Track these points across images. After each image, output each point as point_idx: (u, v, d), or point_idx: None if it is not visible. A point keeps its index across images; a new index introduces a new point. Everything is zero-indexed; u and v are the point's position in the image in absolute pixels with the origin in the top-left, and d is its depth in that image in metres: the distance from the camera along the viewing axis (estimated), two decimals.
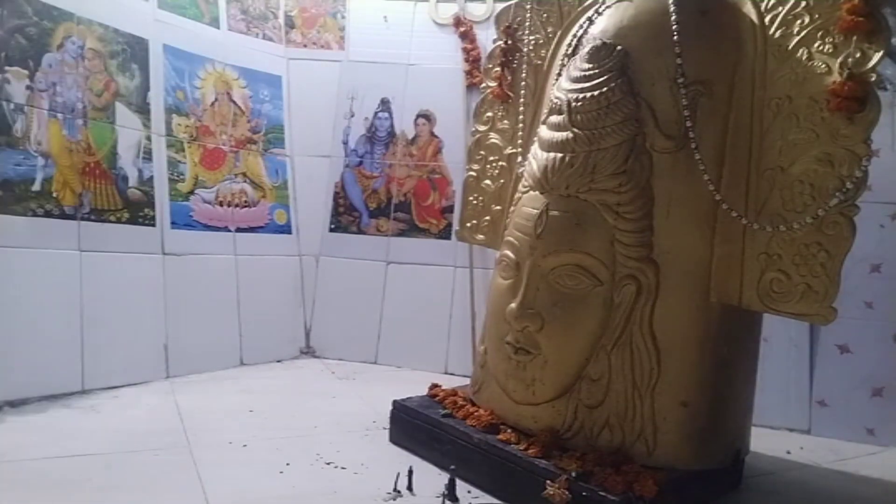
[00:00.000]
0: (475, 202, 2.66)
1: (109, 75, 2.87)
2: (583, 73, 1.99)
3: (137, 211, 2.93)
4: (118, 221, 2.85)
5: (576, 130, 1.95)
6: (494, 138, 2.60)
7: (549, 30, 2.44)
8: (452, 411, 2.23)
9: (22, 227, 2.53)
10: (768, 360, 2.40)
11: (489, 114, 2.64)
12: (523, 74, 2.48)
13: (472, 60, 3.41)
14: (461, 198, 2.77)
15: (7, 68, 2.52)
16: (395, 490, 1.93)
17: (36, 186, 2.58)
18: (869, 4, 1.69)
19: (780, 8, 1.86)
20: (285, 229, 3.54)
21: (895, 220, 2.65)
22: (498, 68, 2.56)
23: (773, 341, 2.63)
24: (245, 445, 2.22)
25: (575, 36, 2.22)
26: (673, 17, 1.92)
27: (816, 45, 1.78)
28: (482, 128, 2.65)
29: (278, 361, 3.37)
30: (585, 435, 1.91)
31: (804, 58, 1.80)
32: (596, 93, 1.93)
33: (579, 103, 1.95)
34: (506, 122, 2.57)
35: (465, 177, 2.73)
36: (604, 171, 1.90)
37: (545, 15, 2.46)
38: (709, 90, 1.91)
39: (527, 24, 2.50)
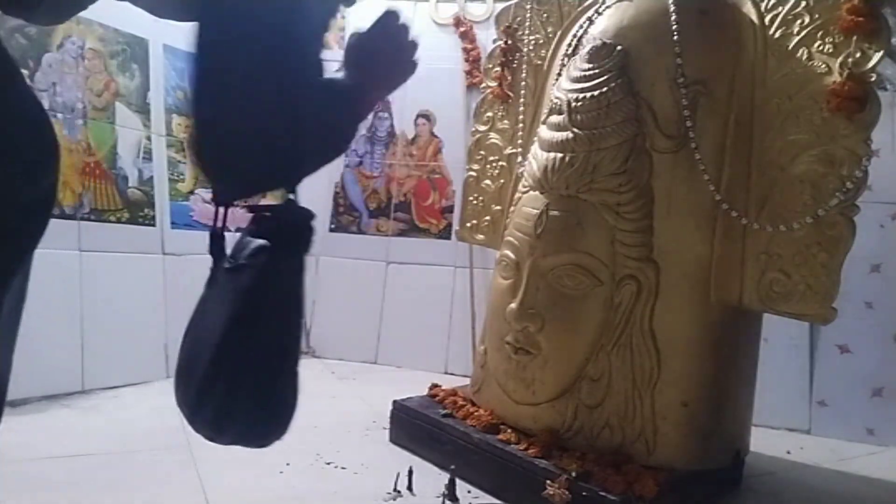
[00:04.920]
0: (475, 202, 2.66)
1: (109, 75, 2.87)
2: (583, 73, 1.99)
3: (137, 211, 2.93)
4: (118, 221, 2.85)
5: (576, 130, 1.95)
6: (494, 138, 2.60)
7: (549, 30, 2.44)
8: (452, 411, 2.23)
9: None
10: (768, 360, 2.39)
11: (489, 114, 2.64)
12: (523, 74, 2.48)
13: (472, 60, 3.41)
14: (461, 198, 2.77)
15: None
16: (395, 490, 1.93)
17: None
18: (869, 4, 1.69)
19: (780, 8, 1.87)
20: None
21: (895, 220, 2.65)
22: (498, 68, 2.56)
23: (773, 341, 2.63)
24: None
25: (575, 36, 2.22)
26: (673, 17, 1.93)
27: (816, 45, 1.79)
28: (482, 128, 2.65)
29: None
30: (585, 435, 1.91)
31: (804, 58, 1.80)
32: (596, 93, 1.93)
33: (579, 103, 1.95)
34: (506, 122, 2.57)
35: (465, 177, 2.73)
36: (604, 171, 1.91)
37: (545, 15, 2.46)
38: (709, 90, 1.91)
39: (527, 24, 2.50)
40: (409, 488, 1.95)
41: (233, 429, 0.82)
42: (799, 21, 1.82)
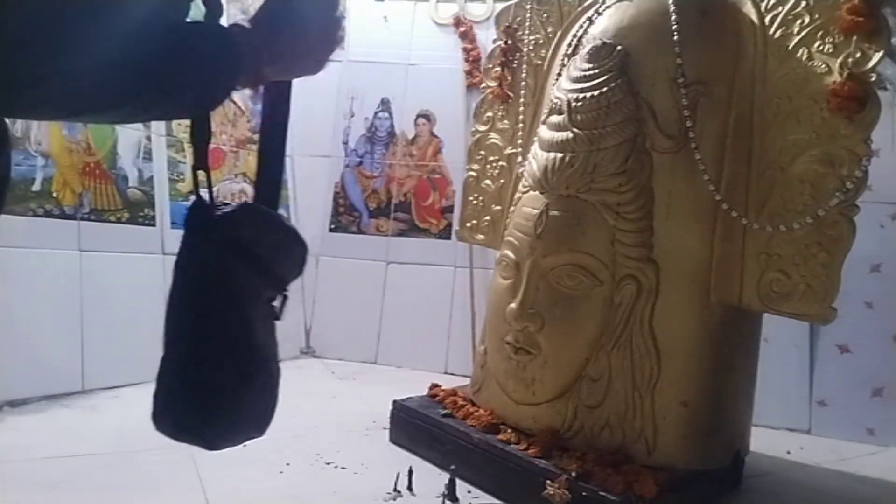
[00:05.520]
0: (475, 202, 2.66)
1: None
2: (583, 73, 1.99)
3: (137, 211, 2.93)
4: (118, 221, 2.85)
5: (576, 130, 1.94)
6: (494, 138, 2.60)
7: (549, 30, 2.44)
8: (452, 411, 2.23)
9: (22, 227, 2.52)
10: (768, 360, 2.39)
11: (489, 114, 2.64)
12: (523, 74, 2.48)
13: (472, 60, 3.41)
14: (461, 198, 2.77)
15: None
16: (395, 490, 1.93)
17: (36, 186, 2.58)
18: (869, 4, 1.69)
19: (780, 8, 1.86)
20: None
21: (895, 220, 2.65)
22: (498, 68, 2.56)
23: (773, 341, 2.62)
24: (245, 445, 2.21)
25: (575, 36, 2.22)
26: (673, 18, 1.92)
27: (816, 45, 1.78)
28: (482, 128, 2.65)
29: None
30: (585, 435, 1.91)
31: (804, 58, 1.80)
32: (596, 93, 1.93)
33: (579, 103, 1.95)
34: (506, 122, 2.57)
35: (465, 177, 2.73)
36: (604, 171, 1.90)
37: (545, 15, 2.46)
38: (709, 90, 1.91)
39: (527, 24, 2.50)
40: (409, 488, 1.95)
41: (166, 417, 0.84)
42: (799, 21, 1.82)
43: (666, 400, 1.87)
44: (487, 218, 2.61)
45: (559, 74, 2.19)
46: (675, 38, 1.91)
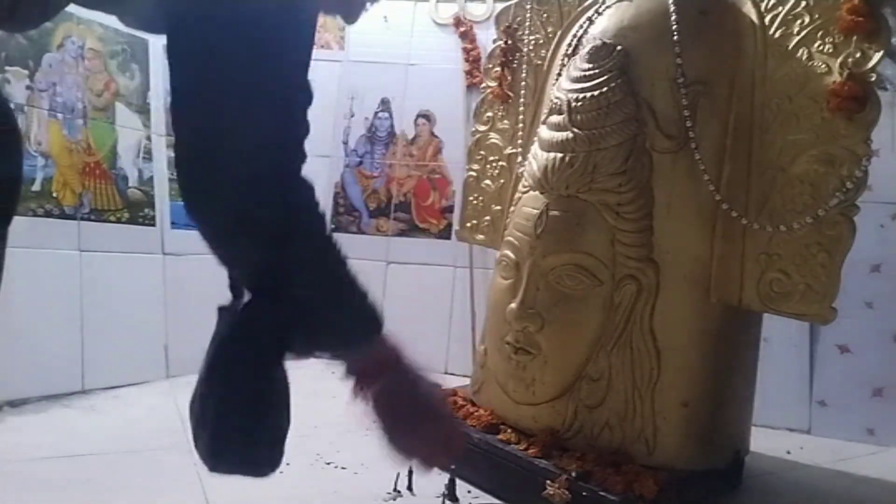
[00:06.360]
0: (475, 202, 2.66)
1: (109, 75, 2.87)
2: (583, 73, 1.99)
3: (137, 211, 2.93)
4: (118, 221, 2.85)
5: (576, 130, 1.94)
6: (494, 138, 2.60)
7: (549, 30, 2.44)
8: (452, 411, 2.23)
9: (22, 227, 2.52)
10: (768, 360, 2.39)
11: (489, 114, 2.64)
12: (523, 74, 2.48)
13: (472, 60, 3.41)
14: (461, 198, 2.77)
15: (7, 68, 2.52)
16: (395, 490, 1.94)
17: (36, 186, 2.58)
18: (869, 4, 1.69)
19: (780, 8, 1.86)
20: None
21: (895, 220, 2.65)
22: (498, 68, 2.56)
23: (773, 341, 2.63)
24: None
25: (575, 36, 2.22)
26: (673, 18, 1.92)
27: (816, 45, 1.78)
28: (482, 128, 2.65)
29: None
30: (585, 435, 1.91)
31: (804, 58, 1.80)
32: (596, 93, 1.93)
33: (579, 103, 1.95)
34: (506, 122, 2.57)
35: (465, 177, 2.73)
36: (604, 171, 1.90)
37: (545, 15, 2.46)
38: (709, 90, 1.91)
39: (527, 24, 2.50)
40: (409, 488, 1.95)
41: (224, 465, 0.92)
42: (799, 21, 1.82)
43: (666, 400, 1.87)
44: (487, 218, 2.61)
45: (559, 74, 2.19)
46: (675, 38, 1.91)
